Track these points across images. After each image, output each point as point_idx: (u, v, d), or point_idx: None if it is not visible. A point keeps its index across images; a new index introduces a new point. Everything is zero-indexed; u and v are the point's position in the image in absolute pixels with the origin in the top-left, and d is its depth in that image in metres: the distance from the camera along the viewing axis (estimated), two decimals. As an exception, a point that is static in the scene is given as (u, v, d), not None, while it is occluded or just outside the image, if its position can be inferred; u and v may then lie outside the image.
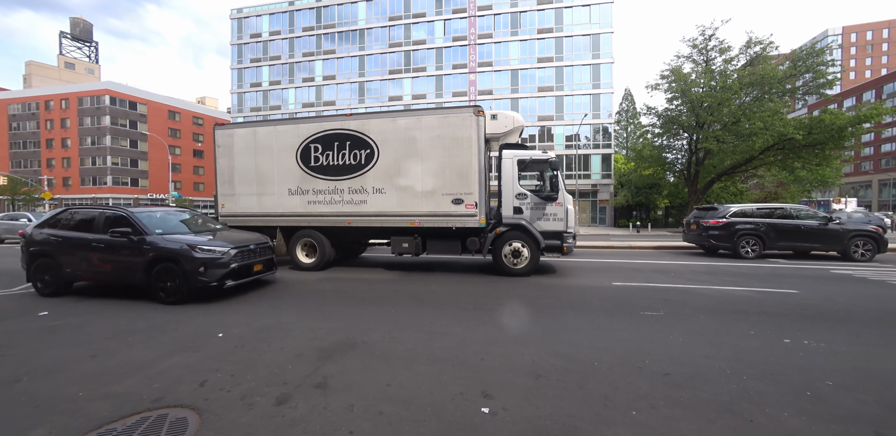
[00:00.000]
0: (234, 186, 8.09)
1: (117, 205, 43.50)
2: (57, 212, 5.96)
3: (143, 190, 46.97)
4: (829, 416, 2.24)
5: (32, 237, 5.72)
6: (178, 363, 3.07)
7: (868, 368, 2.93)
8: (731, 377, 2.75)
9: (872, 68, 66.03)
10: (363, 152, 7.33)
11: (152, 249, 5.05)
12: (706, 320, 4.21)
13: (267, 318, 4.38)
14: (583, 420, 2.19)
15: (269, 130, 7.87)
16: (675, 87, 20.98)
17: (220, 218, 8.19)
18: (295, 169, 7.67)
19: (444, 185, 6.95)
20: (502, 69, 33.63)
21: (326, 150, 7.51)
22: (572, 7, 32.30)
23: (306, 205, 7.65)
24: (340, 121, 7.50)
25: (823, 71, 19.06)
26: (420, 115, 7.13)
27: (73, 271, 5.43)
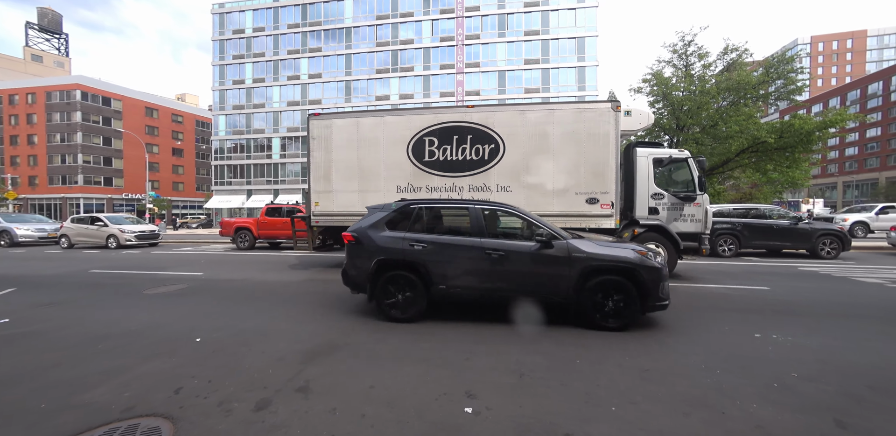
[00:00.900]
0: (331, 182, 7.48)
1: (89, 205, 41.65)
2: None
3: (117, 190, 45.07)
4: (794, 406, 2.35)
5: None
6: (152, 370, 2.95)
7: (830, 359, 3.09)
8: (705, 372, 2.84)
9: (838, 76, 69.73)
10: (486, 147, 6.88)
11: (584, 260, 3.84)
12: (685, 317, 4.34)
13: (249, 321, 4.27)
14: (564, 417, 2.22)
15: (375, 121, 7.29)
16: (656, 90, 21.59)
17: (313, 217, 7.63)
18: (405, 164, 7.13)
19: (578, 183, 6.62)
20: (490, 70, 33.88)
21: (444, 144, 7.00)
22: (558, 10, 32.85)
23: None
24: (461, 113, 7.02)
25: (793, 78, 20.01)
26: (553, 109, 6.80)
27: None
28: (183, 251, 12.86)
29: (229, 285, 6.44)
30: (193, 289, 6.16)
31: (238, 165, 40.87)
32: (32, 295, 5.72)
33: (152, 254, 11.94)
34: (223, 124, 41.28)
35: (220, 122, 41.31)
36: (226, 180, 41.47)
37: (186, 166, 53.73)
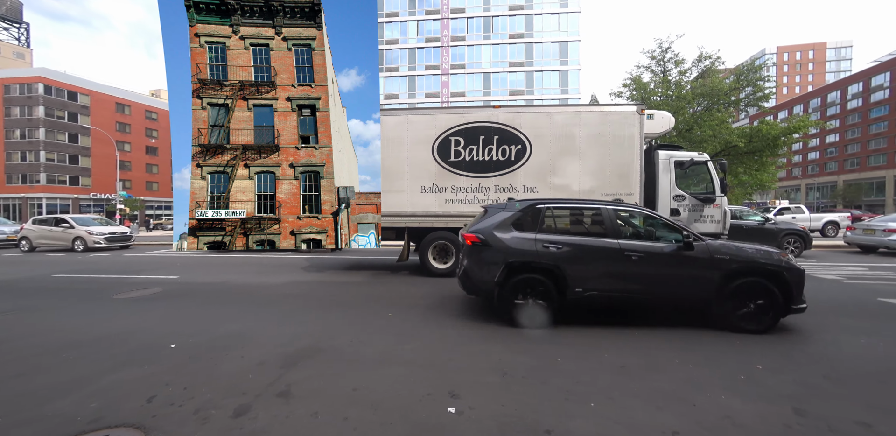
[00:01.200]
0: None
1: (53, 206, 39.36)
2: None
3: (84, 189, 42.77)
4: (758, 396, 2.49)
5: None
6: (122, 379, 2.83)
7: (789, 351, 3.29)
8: (679, 366, 2.97)
9: (801, 85, 74.06)
10: (513, 148, 6.88)
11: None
12: (658, 314, 4.50)
13: (227, 325, 4.15)
14: (545, 414, 2.27)
15: (399, 119, 7.06)
16: (635, 95, 22.32)
17: None
18: (430, 164, 6.99)
19: (604, 184, 6.72)
20: (475, 72, 34.15)
21: (470, 144, 6.94)
22: (542, 15, 33.47)
23: (443, 204, 7.01)
24: (487, 113, 6.99)
25: (761, 85, 21.12)
26: (579, 110, 6.90)
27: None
28: (157, 254, 12.35)
29: (207, 289, 6.24)
30: (168, 293, 5.93)
31: (216, 164, 39.56)
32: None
33: (123, 257, 11.41)
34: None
35: (197, 119, 39.91)
36: (203, 180, 40.09)
37: (162, 165, 51.57)
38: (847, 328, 3.98)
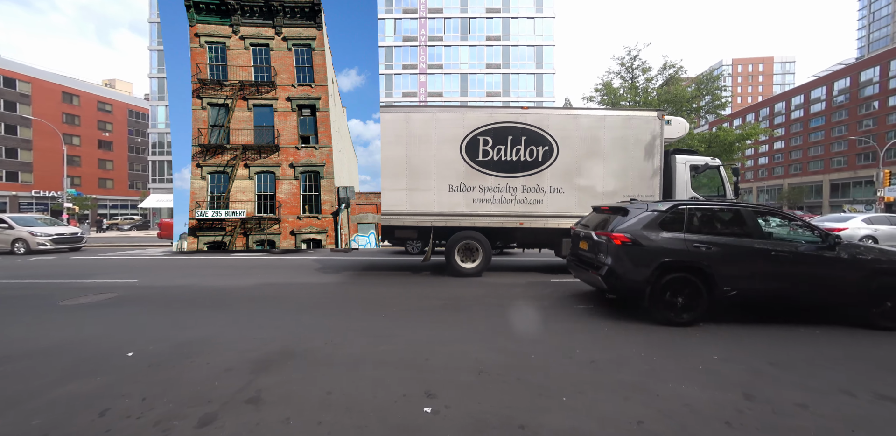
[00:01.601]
0: (384, 180, 7.00)
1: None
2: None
3: (24, 186, 38.93)
4: (713, 384, 2.69)
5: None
6: (68, 393, 2.61)
7: (740, 341, 3.57)
8: (644, 359, 3.13)
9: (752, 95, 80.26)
10: (541, 149, 6.95)
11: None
12: (627, 310, 4.74)
13: (192, 331, 3.93)
14: (519, 410, 2.33)
15: (427, 117, 6.96)
16: (606, 99, 23.29)
17: None
18: (458, 163, 6.94)
19: (626, 186, 6.92)
20: (452, 72, 34.30)
21: (498, 144, 6.94)
22: (518, 18, 34.15)
23: (470, 203, 6.98)
24: (515, 114, 7.00)
25: (719, 94, 22.69)
26: (604, 114, 7.07)
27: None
28: (112, 256, 11.47)
29: (170, 292, 5.87)
30: (125, 298, 5.53)
31: (179, 160, 37.25)
32: None
33: (72, 260, 10.51)
34: (162, 116, 37.45)
35: (159, 113, 37.44)
36: (166, 178, 37.64)
37: (117, 161, 47.92)
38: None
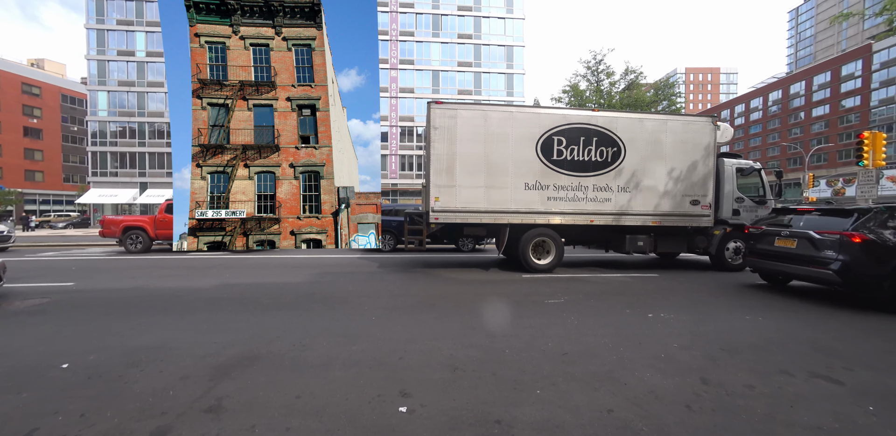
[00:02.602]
0: (454, 177, 7.02)
1: None
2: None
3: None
4: (674, 371, 2.85)
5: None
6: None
7: (698, 330, 3.83)
8: (612, 350, 3.27)
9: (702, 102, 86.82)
10: (610, 150, 7.33)
11: None
12: (596, 303, 4.94)
13: (142, 336, 3.59)
14: (495, 405, 2.34)
15: (504, 115, 7.17)
16: (573, 101, 24.18)
17: (432, 213, 7.00)
18: (534, 162, 7.18)
19: (685, 187, 7.50)
20: (424, 69, 34.03)
21: (571, 144, 7.25)
22: (489, 18, 34.47)
23: (545, 201, 7.23)
24: (587, 115, 7.35)
25: (674, 100, 24.26)
26: (666, 119, 7.60)
27: None
28: (44, 257, 10.26)
29: (114, 296, 5.34)
30: (60, 303, 4.95)
31: (127, 152, 34.08)
32: None
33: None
34: (104, 103, 33.97)
35: (101, 99, 33.91)
36: (109, 171, 34.24)
37: (48, 151, 42.90)
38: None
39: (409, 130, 33.85)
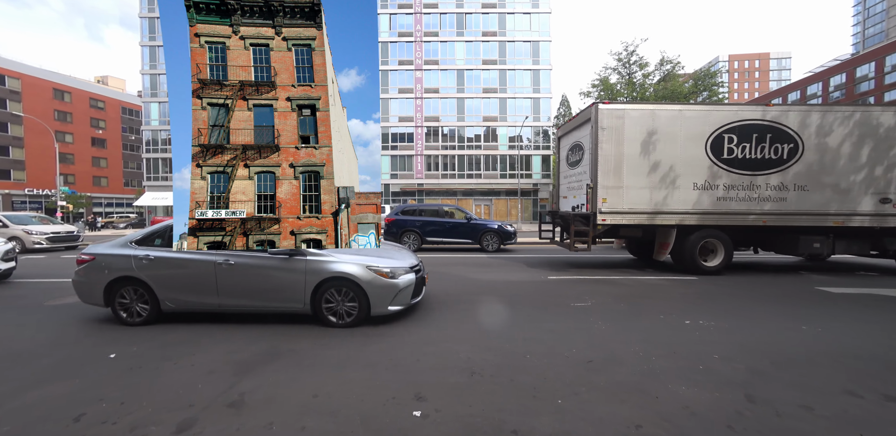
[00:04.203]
0: (621, 178, 6.95)
1: (-20, 202, 35.09)
2: None
3: (17, 184, 38.45)
4: (713, 384, 2.59)
5: None
6: (43, 396, 2.50)
7: (743, 340, 3.47)
8: (642, 359, 3.05)
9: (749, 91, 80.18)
10: (785, 146, 6.94)
11: None
12: (626, 308, 4.65)
13: (178, 331, 3.82)
14: (511, 413, 2.23)
15: (673, 114, 6.97)
16: (603, 95, 23.17)
17: (599, 214, 6.95)
18: (703, 161, 6.95)
19: (870, 184, 6.92)
20: (448, 68, 33.96)
21: (742, 141, 6.93)
22: (514, 14, 33.79)
23: (714, 201, 6.97)
24: (760, 111, 6.99)
25: (716, 90, 22.56)
26: (852, 111, 6.99)
27: None
28: None
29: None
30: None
31: (174, 158, 36.82)
32: None
33: (63, 258, 10.35)
34: (156, 113, 36.99)
35: (153, 110, 36.97)
36: (161, 175, 37.27)
37: (111, 159, 47.40)
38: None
39: (434, 131, 33.98)
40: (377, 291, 3.87)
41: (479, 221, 11.37)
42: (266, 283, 3.94)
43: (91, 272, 4.12)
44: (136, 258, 4.06)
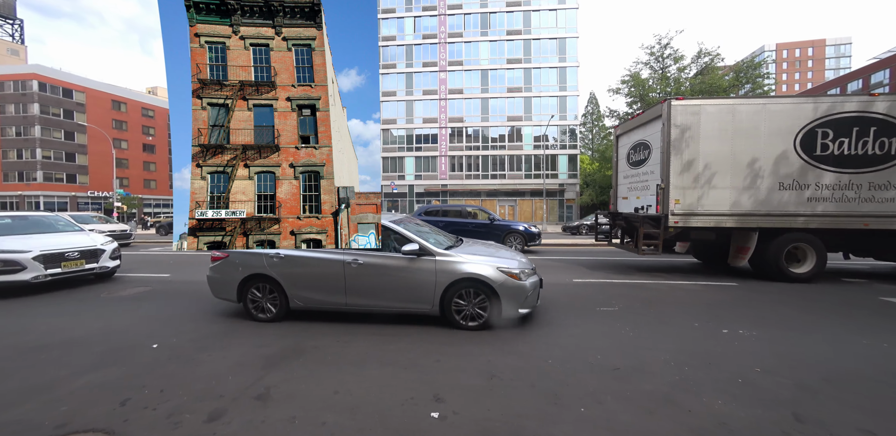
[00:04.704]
0: (696, 178, 6.56)
1: (50, 204, 39.19)
2: None
3: (81, 187, 42.55)
4: (756, 400, 2.39)
5: None
6: (95, 381, 2.73)
7: (790, 352, 3.18)
8: (673, 369, 2.87)
9: (800, 82, 73.80)
10: (893, 141, 6.24)
11: None
12: (656, 313, 4.42)
13: (212, 324, 4.06)
14: (531, 419, 2.18)
15: (755, 108, 6.48)
16: (633, 91, 22.21)
17: (671, 216, 6.56)
18: (792, 158, 6.43)
19: None
20: (472, 69, 33.87)
21: (840, 136, 6.34)
22: (539, 11, 33.16)
23: (804, 202, 6.42)
24: (865, 102, 6.34)
25: (761, 82, 20.99)
26: None
27: None
28: (152, 252, 12.23)
29: (195, 288, 6.13)
30: (157, 292, 5.83)
31: (214, 161, 39.29)
32: (-28, 301, 5.26)
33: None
34: (197, 119, 39.65)
35: (194, 116, 39.65)
36: (200, 178, 39.87)
37: (159, 163, 51.42)
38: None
39: (458, 131, 34.00)
40: (509, 293, 3.71)
41: (502, 222, 11.24)
42: (395, 283, 3.87)
43: (225, 269, 4.23)
44: (268, 256, 4.10)
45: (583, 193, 32.30)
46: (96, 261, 6.39)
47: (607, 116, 25.45)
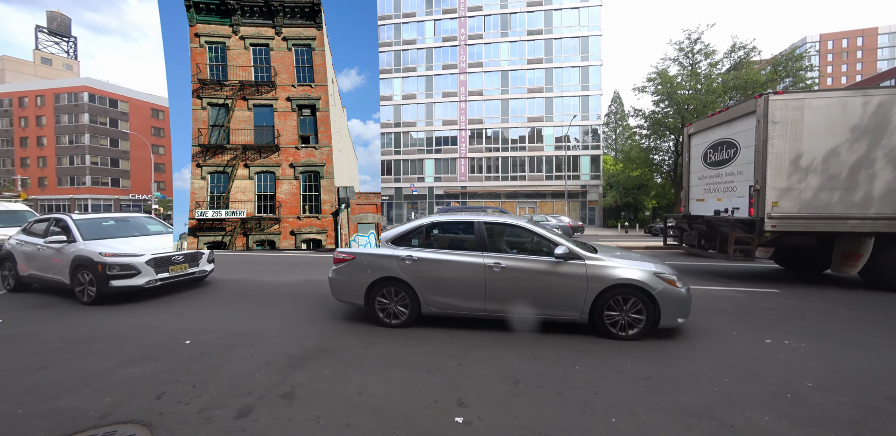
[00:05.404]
0: (798, 178, 6.03)
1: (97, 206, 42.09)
2: None
3: (124, 190, 45.58)
4: (808, 419, 2.19)
5: None
6: (135, 374, 2.87)
7: (846, 367, 2.92)
8: (712, 380, 2.69)
9: (848, 74, 68.61)
10: None
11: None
12: (691, 321, 4.18)
13: (241, 323, 4.18)
14: (559, 429, 2.09)
15: (868, 100, 5.93)
16: (661, 89, 21.35)
17: (768, 220, 6.06)
18: None
19: None
20: (492, 70, 33.73)
21: None
22: (561, 9, 32.62)
23: None
24: None
25: (802, 76, 19.68)
26: None
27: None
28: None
29: (225, 286, 6.38)
30: (190, 290, 6.10)
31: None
32: (24, 297, 5.70)
33: (154, 254, 11.94)
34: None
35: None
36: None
37: (192, 167, 54.42)
38: None
39: (478, 133, 33.90)
40: (668, 300, 3.45)
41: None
42: (540, 289, 3.61)
43: (352, 271, 4.00)
44: (399, 259, 3.86)
45: (606, 194, 31.36)
46: (197, 264, 6.14)
47: (632, 115, 24.61)
